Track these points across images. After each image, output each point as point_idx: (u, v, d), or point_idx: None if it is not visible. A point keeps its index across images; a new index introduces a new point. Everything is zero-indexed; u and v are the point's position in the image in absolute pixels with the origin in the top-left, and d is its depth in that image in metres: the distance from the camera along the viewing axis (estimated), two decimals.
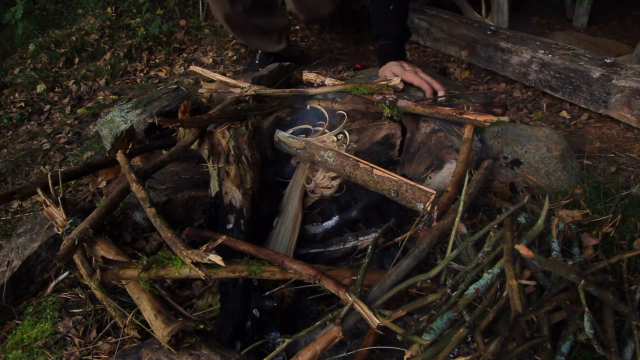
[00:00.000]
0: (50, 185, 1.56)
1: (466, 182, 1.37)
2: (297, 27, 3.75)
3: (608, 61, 2.21)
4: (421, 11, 3.32)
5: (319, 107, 1.90)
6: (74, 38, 3.83)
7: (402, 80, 1.87)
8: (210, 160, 1.63)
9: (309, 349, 1.10)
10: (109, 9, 4.08)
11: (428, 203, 1.36)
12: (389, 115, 1.75)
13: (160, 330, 1.18)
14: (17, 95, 3.31)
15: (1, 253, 1.65)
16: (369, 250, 1.30)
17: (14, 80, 3.51)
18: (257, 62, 3.00)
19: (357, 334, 1.28)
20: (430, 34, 3.20)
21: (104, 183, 1.93)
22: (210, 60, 3.42)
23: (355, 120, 1.93)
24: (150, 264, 1.24)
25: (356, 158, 1.55)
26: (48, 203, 1.54)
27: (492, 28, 2.85)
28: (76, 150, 2.61)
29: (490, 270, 1.20)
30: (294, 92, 1.92)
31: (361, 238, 1.50)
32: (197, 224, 1.70)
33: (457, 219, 1.30)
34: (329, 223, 1.58)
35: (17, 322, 1.52)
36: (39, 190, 1.57)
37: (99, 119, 2.50)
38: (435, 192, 1.37)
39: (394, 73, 1.93)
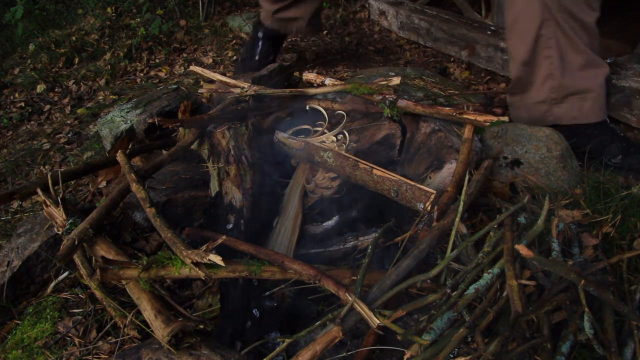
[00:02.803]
0: (50, 185, 1.56)
1: (466, 182, 1.37)
2: None
3: (608, 61, 2.21)
4: (421, 11, 3.32)
5: (319, 107, 1.90)
6: (74, 38, 3.83)
7: None
8: (210, 160, 1.63)
9: (309, 349, 1.10)
10: (109, 9, 4.08)
11: (428, 203, 1.36)
12: (389, 115, 1.75)
13: (160, 330, 1.18)
14: (17, 95, 3.31)
15: (1, 253, 1.65)
16: (369, 250, 1.30)
17: (14, 80, 3.51)
18: (258, 48, 2.87)
19: (357, 334, 1.28)
20: (430, 34, 3.20)
21: (104, 183, 1.93)
22: (210, 60, 3.42)
23: (355, 120, 1.93)
24: (150, 264, 1.24)
25: (356, 158, 1.55)
26: (48, 203, 1.54)
27: (492, 28, 2.85)
28: (76, 150, 2.61)
29: (490, 270, 1.20)
30: (294, 92, 1.92)
31: (361, 238, 1.51)
32: (197, 224, 1.70)
33: (457, 219, 1.30)
34: (329, 223, 1.58)
35: (17, 322, 1.52)
36: (39, 190, 1.57)
37: (99, 119, 2.50)
38: (435, 191, 1.37)
39: None
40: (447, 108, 1.65)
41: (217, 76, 2.11)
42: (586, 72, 1.86)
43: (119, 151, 1.55)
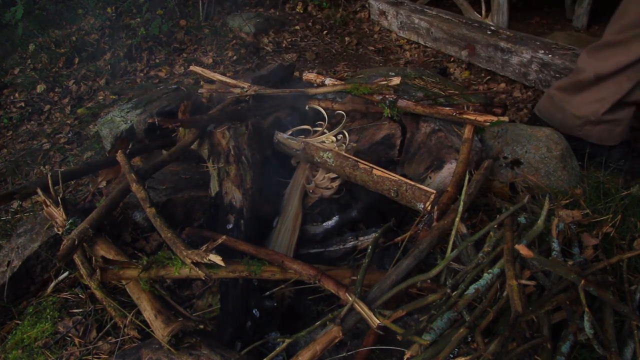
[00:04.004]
0: (50, 185, 1.56)
1: (466, 182, 1.37)
2: (297, 27, 3.75)
3: None
4: (421, 11, 3.32)
5: (319, 107, 1.90)
6: (74, 38, 3.83)
7: None
8: (210, 160, 1.63)
9: (309, 349, 1.10)
10: (109, 9, 4.07)
11: (428, 203, 1.36)
12: (389, 115, 1.75)
13: (160, 330, 1.18)
14: (17, 95, 3.32)
15: (1, 253, 1.65)
16: (369, 250, 1.30)
17: (14, 80, 3.51)
18: None
19: (357, 334, 1.28)
20: (430, 34, 3.20)
21: (104, 183, 1.93)
22: (210, 60, 3.42)
23: (355, 120, 1.93)
24: (150, 264, 1.24)
25: (355, 158, 1.55)
26: (48, 203, 1.54)
27: (492, 28, 2.85)
28: (76, 150, 2.61)
29: (490, 270, 1.20)
30: (294, 92, 1.92)
31: (361, 238, 1.50)
32: (197, 224, 1.70)
33: (457, 219, 1.30)
34: (329, 223, 1.58)
35: (17, 322, 1.52)
36: (39, 190, 1.57)
37: (99, 119, 2.50)
38: (435, 191, 1.37)
39: None
40: (447, 108, 1.65)
41: (217, 76, 2.11)
42: (631, 107, 1.86)
43: (119, 151, 1.55)
